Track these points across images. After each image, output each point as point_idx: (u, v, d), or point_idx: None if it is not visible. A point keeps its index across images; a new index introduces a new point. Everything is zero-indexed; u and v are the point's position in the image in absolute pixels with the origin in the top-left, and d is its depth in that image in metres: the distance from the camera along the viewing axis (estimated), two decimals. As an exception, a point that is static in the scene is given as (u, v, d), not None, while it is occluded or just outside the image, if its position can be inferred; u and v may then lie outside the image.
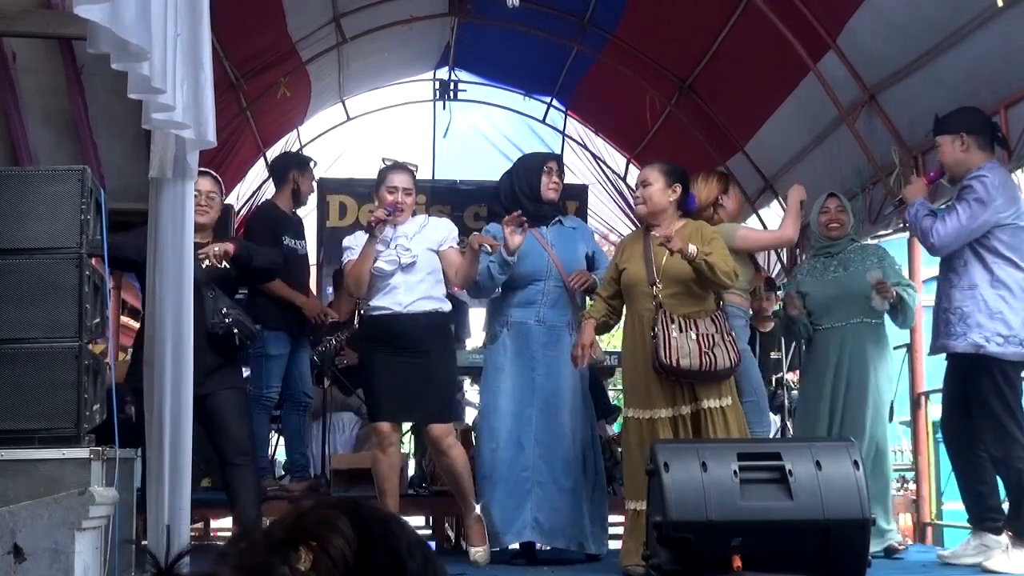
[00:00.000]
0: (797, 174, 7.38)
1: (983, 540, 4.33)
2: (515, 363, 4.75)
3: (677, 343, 4.17)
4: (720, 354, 4.19)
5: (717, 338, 4.23)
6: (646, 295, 4.35)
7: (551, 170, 4.94)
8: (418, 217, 4.83)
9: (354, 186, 8.58)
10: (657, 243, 4.28)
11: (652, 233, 4.43)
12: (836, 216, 5.18)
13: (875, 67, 5.96)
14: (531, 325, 4.76)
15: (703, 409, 4.24)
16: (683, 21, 7.25)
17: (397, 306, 4.55)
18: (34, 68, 4.39)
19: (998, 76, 5.05)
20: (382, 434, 4.59)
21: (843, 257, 5.12)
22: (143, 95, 2.84)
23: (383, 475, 4.60)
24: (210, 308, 4.31)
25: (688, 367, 4.16)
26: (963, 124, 4.41)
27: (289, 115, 8.80)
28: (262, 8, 6.92)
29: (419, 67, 9.46)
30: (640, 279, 4.38)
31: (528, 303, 4.78)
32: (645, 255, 4.40)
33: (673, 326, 4.21)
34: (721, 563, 3.52)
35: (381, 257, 4.55)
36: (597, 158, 9.73)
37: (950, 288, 4.30)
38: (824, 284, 5.10)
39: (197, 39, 2.97)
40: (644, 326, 4.33)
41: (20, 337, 3.26)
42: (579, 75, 8.85)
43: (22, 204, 3.33)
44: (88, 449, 3.17)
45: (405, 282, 4.56)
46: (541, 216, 4.86)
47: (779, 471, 3.65)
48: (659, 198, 4.44)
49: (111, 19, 2.63)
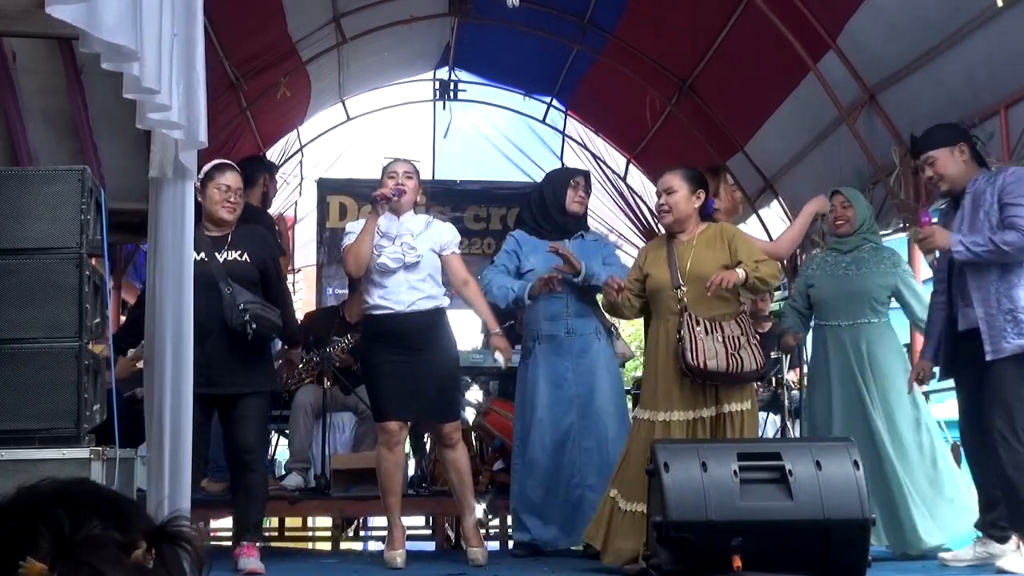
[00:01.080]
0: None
1: (988, 548, 4.31)
2: (549, 375, 4.97)
3: (704, 345, 4.18)
4: (747, 356, 4.21)
5: (743, 340, 4.25)
6: (671, 299, 4.37)
7: (577, 185, 5.19)
8: (423, 215, 4.84)
9: (354, 186, 8.58)
10: (709, 294, 4.25)
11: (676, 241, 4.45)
12: (841, 213, 5.12)
13: (875, 67, 5.97)
14: (561, 337, 4.98)
15: (724, 413, 4.26)
16: (683, 21, 7.25)
17: (399, 305, 4.55)
18: (34, 68, 4.39)
19: (998, 76, 5.05)
20: (390, 432, 4.58)
21: (857, 255, 5.05)
22: (137, 95, 2.83)
23: (388, 473, 4.61)
24: (228, 304, 4.28)
25: (715, 369, 4.17)
26: (955, 135, 4.36)
27: (289, 115, 8.80)
28: (262, 8, 6.93)
29: (419, 67, 9.47)
30: (665, 283, 4.40)
31: (555, 317, 4.99)
32: (669, 260, 4.43)
33: (699, 328, 4.22)
34: (721, 563, 3.52)
35: (385, 253, 4.55)
36: (597, 158, 9.74)
37: (1011, 289, 4.14)
38: (834, 280, 5.06)
39: (191, 39, 2.96)
40: (669, 329, 4.34)
41: (20, 337, 3.26)
42: (579, 75, 8.86)
43: (22, 204, 3.33)
44: (88, 449, 3.16)
45: (407, 281, 4.57)
46: (566, 229, 5.09)
47: (779, 471, 3.66)
48: (685, 206, 4.45)
49: (86, 20, 2.61)
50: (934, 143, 4.33)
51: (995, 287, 4.16)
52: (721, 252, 4.39)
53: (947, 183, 4.32)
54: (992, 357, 4.10)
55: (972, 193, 4.27)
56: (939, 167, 4.30)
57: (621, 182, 9.72)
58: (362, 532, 8.77)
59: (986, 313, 4.16)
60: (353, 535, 8.51)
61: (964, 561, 4.34)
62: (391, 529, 4.71)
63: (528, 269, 5.00)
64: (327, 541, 7.84)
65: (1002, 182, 4.16)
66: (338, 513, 6.33)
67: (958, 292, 4.32)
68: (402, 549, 4.61)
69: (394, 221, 4.66)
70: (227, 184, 4.47)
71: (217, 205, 4.42)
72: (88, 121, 4.32)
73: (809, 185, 7.24)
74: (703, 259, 4.36)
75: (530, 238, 5.11)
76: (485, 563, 4.53)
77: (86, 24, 2.62)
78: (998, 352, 4.11)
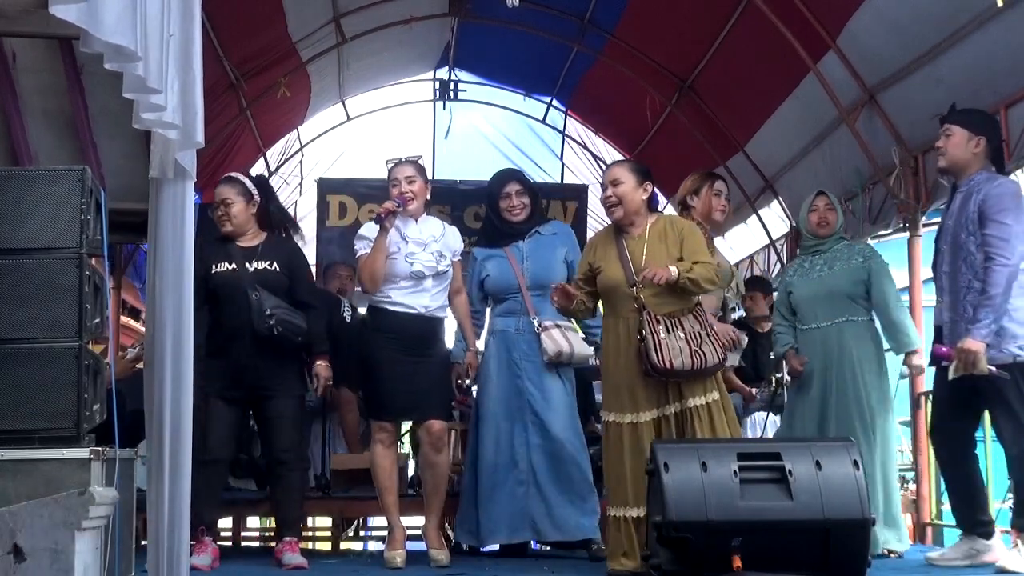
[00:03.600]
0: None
1: (974, 544, 4.34)
2: (501, 370, 4.99)
3: (668, 344, 4.14)
4: (708, 351, 4.17)
5: (703, 335, 4.21)
6: (627, 296, 4.30)
7: (509, 195, 5.15)
8: (436, 220, 4.88)
9: (354, 186, 8.59)
10: (641, 288, 4.22)
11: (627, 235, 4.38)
12: (824, 215, 5.14)
13: (875, 67, 5.97)
14: (511, 333, 5.01)
15: (688, 408, 4.21)
16: (683, 21, 7.25)
17: (423, 309, 4.62)
18: (34, 68, 4.39)
19: (998, 76, 5.05)
20: (388, 432, 4.66)
21: (829, 256, 5.08)
22: (135, 94, 2.83)
23: (386, 472, 4.64)
24: (256, 310, 4.52)
25: (681, 367, 4.12)
26: (982, 127, 4.38)
27: (289, 115, 8.80)
28: (262, 8, 6.93)
29: (419, 67, 9.47)
30: (619, 281, 4.31)
31: (509, 313, 5.05)
32: (620, 257, 4.35)
33: (660, 327, 4.16)
34: (721, 563, 3.52)
35: (419, 260, 4.60)
36: (597, 158, 9.73)
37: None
38: (810, 283, 5.08)
39: (188, 39, 2.96)
40: (628, 329, 4.27)
41: (20, 337, 3.26)
42: (579, 75, 8.86)
43: (22, 204, 3.33)
44: (88, 449, 3.16)
45: (434, 287, 4.65)
46: (514, 234, 5.11)
47: (779, 471, 3.65)
48: (632, 197, 4.37)
49: (88, 20, 2.61)
50: (960, 121, 4.37)
51: (963, 293, 4.25)
52: (673, 245, 4.33)
53: (947, 161, 4.38)
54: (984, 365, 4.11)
55: (964, 193, 4.32)
56: (950, 143, 4.35)
57: (621, 182, 9.71)
58: (362, 532, 8.77)
59: (951, 319, 4.29)
60: (353, 535, 8.51)
61: (955, 560, 4.35)
62: (391, 529, 4.73)
63: (485, 275, 5.08)
64: (327, 541, 7.85)
65: (986, 192, 4.20)
66: (338, 513, 6.33)
67: (937, 289, 4.44)
68: (402, 549, 4.61)
69: (413, 224, 4.68)
70: (217, 200, 4.76)
71: (218, 222, 4.73)
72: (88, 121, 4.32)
73: (809, 185, 7.23)
74: (656, 253, 4.28)
75: (485, 249, 5.19)
76: (448, 563, 4.54)
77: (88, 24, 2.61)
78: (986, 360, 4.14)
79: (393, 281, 4.61)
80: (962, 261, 4.25)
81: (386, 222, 4.55)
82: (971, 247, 4.22)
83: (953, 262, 4.30)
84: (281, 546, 4.64)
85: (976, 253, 4.19)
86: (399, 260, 4.59)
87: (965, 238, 4.24)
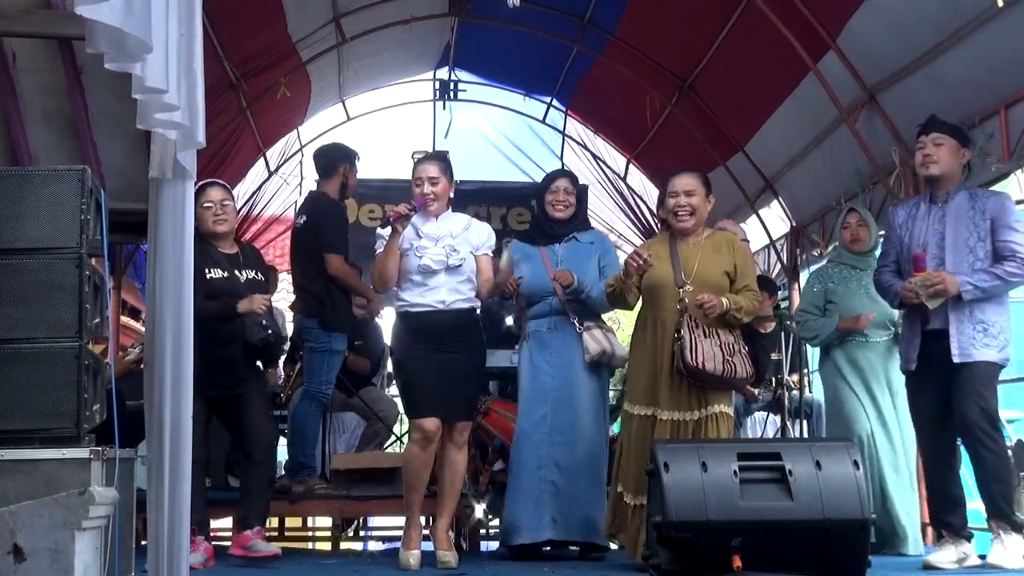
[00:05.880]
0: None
1: (962, 548, 4.37)
2: (532, 369, 5.05)
3: (703, 347, 4.29)
4: (739, 364, 4.35)
5: (736, 347, 4.40)
6: (671, 297, 4.43)
7: (557, 189, 5.20)
8: (462, 216, 4.81)
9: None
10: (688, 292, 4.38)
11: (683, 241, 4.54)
12: (856, 231, 5.36)
13: (875, 67, 5.97)
14: (543, 333, 5.06)
15: (708, 415, 4.35)
16: (683, 21, 7.25)
17: (440, 304, 4.56)
18: (34, 68, 4.38)
19: (998, 76, 5.05)
20: (426, 431, 4.52)
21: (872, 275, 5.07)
22: (146, 95, 2.83)
23: (416, 471, 4.58)
24: (250, 321, 4.63)
25: (712, 371, 4.28)
26: (966, 140, 4.58)
27: (289, 115, 8.80)
28: (262, 8, 6.93)
29: (419, 67, 9.47)
30: (668, 280, 4.46)
31: (542, 315, 5.09)
32: (672, 258, 4.49)
33: (699, 330, 4.33)
34: (721, 563, 3.53)
35: (428, 254, 4.55)
36: (597, 158, 9.74)
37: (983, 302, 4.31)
38: (854, 297, 5.25)
39: (190, 39, 2.96)
40: (666, 327, 4.42)
41: (20, 337, 3.26)
42: (579, 75, 8.86)
43: (22, 204, 3.33)
44: (88, 449, 3.16)
45: (448, 282, 4.58)
46: (553, 235, 5.15)
47: (779, 471, 3.66)
48: (703, 209, 4.57)
49: (115, 17, 2.63)
50: (949, 132, 4.50)
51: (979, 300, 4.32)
52: (727, 261, 4.50)
53: (939, 169, 4.46)
54: (960, 360, 4.26)
55: (953, 208, 4.41)
56: (942, 152, 4.46)
57: (621, 182, 9.71)
58: (362, 532, 8.77)
59: (957, 319, 4.33)
60: (353, 535, 8.51)
61: (951, 562, 4.35)
62: (408, 529, 4.63)
63: (519, 276, 5.06)
64: (327, 541, 7.84)
65: (991, 206, 4.35)
66: (338, 513, 6.33)
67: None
68: (417, 551, 4.56)
69: (432, 222, 4.65)
70: (211, 200, 4.75)
71: (209, 221, 4.71)
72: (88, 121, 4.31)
73: (809, 185, 7.24)
74: (709, 264, 4.46)
75: (523, 246, 5.21)
76: (456, 566, 4.50)
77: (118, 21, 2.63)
78: (966, 357, 4.27)
79: (405, 280, 4.60)
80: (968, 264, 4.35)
81: (397, 224, 4.51)
82: (980, 252, 4.33)
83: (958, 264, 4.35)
84: (249, 534, 4.60)
85: (984, 259, 4.32)
86: (410, 255, 4.58)
87: (975, 243, 4.35)
